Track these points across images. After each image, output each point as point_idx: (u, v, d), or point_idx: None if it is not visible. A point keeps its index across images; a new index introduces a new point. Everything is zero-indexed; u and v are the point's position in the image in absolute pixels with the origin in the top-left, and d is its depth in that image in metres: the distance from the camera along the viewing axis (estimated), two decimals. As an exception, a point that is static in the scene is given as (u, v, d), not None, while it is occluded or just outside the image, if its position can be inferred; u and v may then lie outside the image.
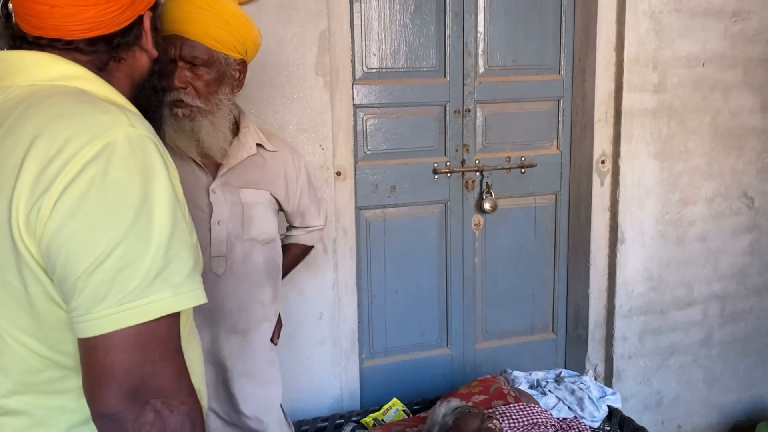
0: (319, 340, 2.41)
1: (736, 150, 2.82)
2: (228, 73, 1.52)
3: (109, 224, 0.78)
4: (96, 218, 0.78)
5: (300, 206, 1.80)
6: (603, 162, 2.68)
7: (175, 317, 0.84)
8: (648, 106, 2.63)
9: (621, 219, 2.68)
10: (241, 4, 2.07)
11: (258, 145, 1.66)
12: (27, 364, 0.87)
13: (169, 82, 1.41)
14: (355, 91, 2.44)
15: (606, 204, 2.71)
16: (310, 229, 1.90)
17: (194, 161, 1.57)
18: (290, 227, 1.91)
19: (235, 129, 1.64)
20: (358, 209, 2.53)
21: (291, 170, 1.73)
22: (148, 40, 0.99)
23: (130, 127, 0.83)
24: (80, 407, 0.86)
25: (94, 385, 0.80)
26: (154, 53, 1.01)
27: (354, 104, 2.44)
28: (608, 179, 2.69)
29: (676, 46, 2.63)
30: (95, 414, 0.81)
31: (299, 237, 1.91)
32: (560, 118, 2.75)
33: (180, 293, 0.82)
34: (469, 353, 2.82)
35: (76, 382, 0.86)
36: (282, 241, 1.86)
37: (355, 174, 2.49)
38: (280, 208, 1.78)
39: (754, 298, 3.00)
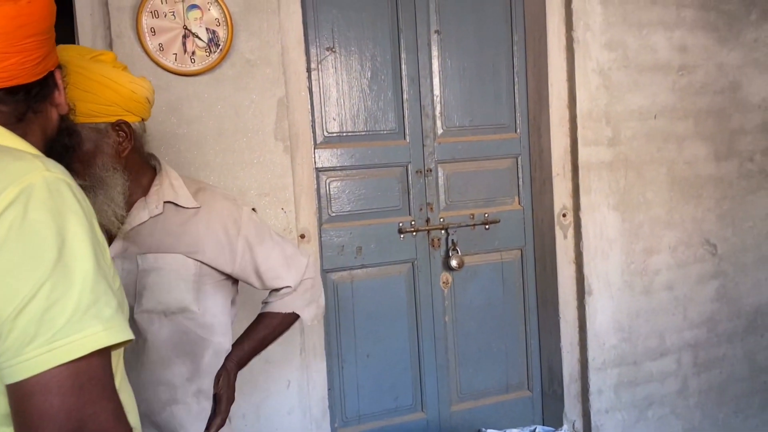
0: (287, 410, 2.35)
1: (694, 198, 2.88)
2: (103, 142, 1.38)
3: (32, 266, 0.77)
4: (18, 261, 0.77)
5: (251, 266, 1.55)
6: (564, 215, 2.72)
7: (107, 355, 0.82)
8: (604, 159, 2.70)
9: (587, 271, 2.70)
10: (196, 74, 2.12)
11: (170, 202, 1.48)
12: None
13: None
14: (316, 154, 2.47)
15: (571, 256, 2.73)
16: (282, 292, 1.61)
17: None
18: (268, 294, 1.66)
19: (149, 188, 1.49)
20: (325, 272, 2.52)
21: (226, 225, 1.50)
22: (60, 93, 1.02)
23: (46, 171, 0.83)
24: None
25: None
26: (65, 108, 1.03)
27: (316, 167, 2.47)
28: (570, 232, 2.73)
29: (627, 101, 2.72)
30: None
31: (273, 304, 1.63)
32: (520, 175, 2.80)
33: (111, 327, 0.81)
34: (445, 416, 2.76)
35: None
36: (261, 310, 1.65)
37: (320, 236, 2.49)
38: (225, 275, 1.56)
39: (725, 345, 3.00)
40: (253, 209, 1.62)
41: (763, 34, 2.96)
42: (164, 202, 1.48)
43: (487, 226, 2.74)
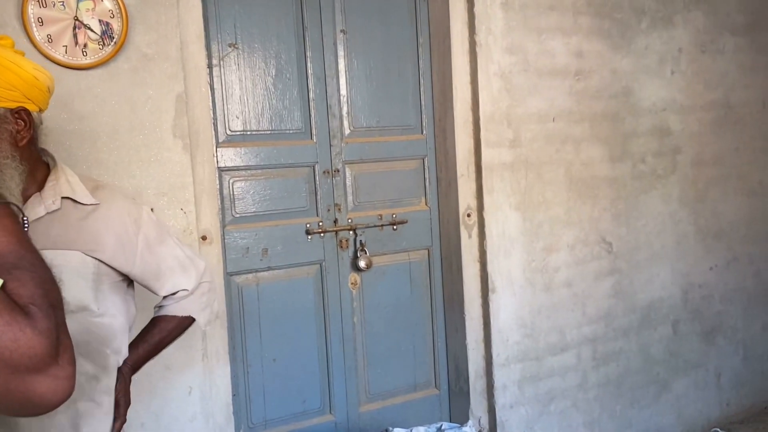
0: (189, 417, 2.27)
1: (591, 198, 3.00)
2: (1, 128, 1.32)
3: None
4: None
5: (149, 267, 1.52)
6: (469, 215, 2.77)
7: None
8: (506, 160, 2.77)
9: (490, 269, 2.76)
10: (89, 68, 2.02)
11: (68, 198, 1.43)
12: None
13: None
14: (219, 153, 2.41)
15: (475, 255, 2.79)
16: (178, 296, 1.60)
17: None
18: (162, 299, 1.63)
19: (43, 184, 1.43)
20: (229, 275, 2.45)
21: (125, 224, 1.47)
22: None
23: None
24: None
25: None
26: None
27: (219, 167, 2.41)
28: (475, 231, 2.78)
29: (527, 104, 2.80)
30: None
31: (168, 307, 1.61)
32: (426, 175, 2.83)
33: None
34: (354, 417, 2.75)
35: None
36: (155, 314, 1.63)
37: (223, 238, 2.42)
38: (122, 275, 1.52)
39: (622, 339, 3.14)
40: (152, 209, 1.58)
41: (652, 42, 3.13)
42: (62, 198, 1.42)
43: (394, 227, 2.75)
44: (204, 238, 2.29)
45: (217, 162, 2.40)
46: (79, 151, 2.02)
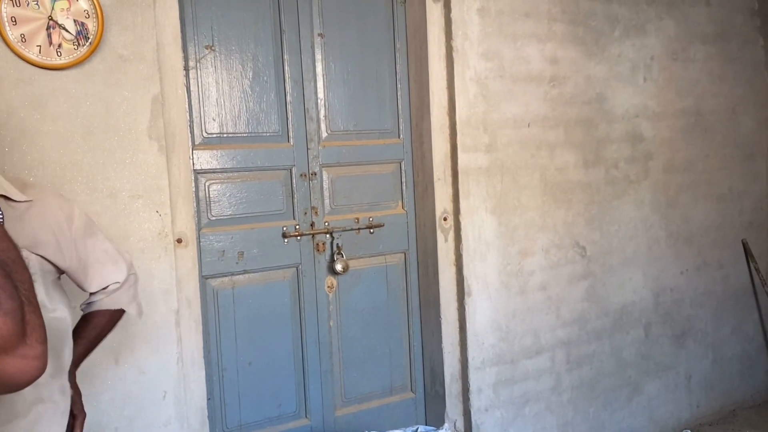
0: (164, 422, 2.24)
1: (565, 203, 3.04)
2: None
3: None
4: None
5: (82, 260, 1.54)
6: (445, 219, 2.78)
7: None
8: (482, 164, 2.79)
9: (466, 272, 2.78)
10: (63, 68, 1.99)
11: (2, 197, 1.42)
12: None
13: None
14: (195, 156, 2.39)
15: (452, 259, 2.80)
16: (109, 289, 1.62)
17: None
18: (90, 296, 1.63)
19: None
20: (204, 278, 2.44)
21: (59, 219, 1.49)
22: None
23: None
24: None
25: None
26: None
27: (195, 169, 2.39)
28: (451, 235, 2.80)
29: (503, 109, 2.83)
30: None
31: (101, 302, 1.62)
32: (403, 179, 2.84)
33: None
34: (329, 421, 2.74)
35: None
36: (83, 311, 1.64)
37: (199, 241, 2.41)
38: (59, 270, 1.52)
39: (595, 342, 3.18)
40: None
41: (625, 50, 3.18)
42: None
43: (371, 230, 2.75)
44: (179, 240, 2.27)
45: (193, 164, 2.39)
46: (53, 153, 1.99)
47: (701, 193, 3.52)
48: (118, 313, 1.67)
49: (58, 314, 1.48)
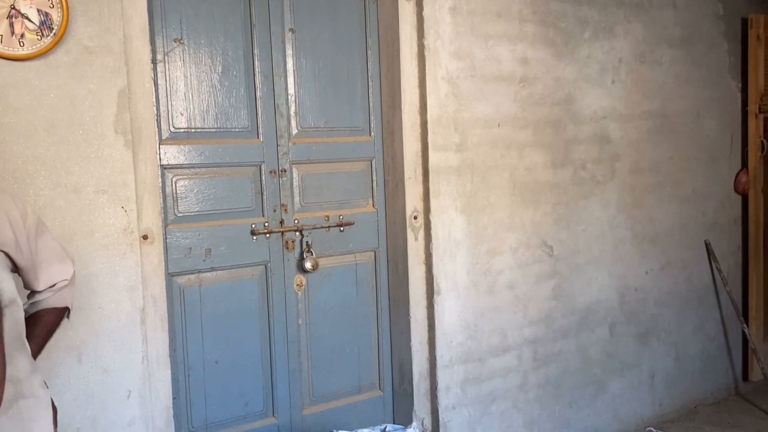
0: (128, 421, 2.20)
1: (533, 203, 3.06)
2: None
3: None
4: None
5: (35, 257, 1.55)
6: (416, 217, 2.78)
7: None
8: (452, 163, 2.80)
9: (436, 271, 2.78)
10: (26, 59, 1.94)
11: None
12: None
13: None
14: (162, 151, 2.35)
15: (421, 257, 2.80)
16: (57, 287, 1.63)
17: None
18: (32, 294, 1.62)
19: None
20: (170, 275, 2.40)
21: (15, 216, 1.49)
22: None
23: None
24: None
25: None
26: None
27: (161, 164, 2.35)
28: (421, 233, 2.80)
29: (473, 109, 2.84)
30: None
31: (48, 300, 1.63)
32: (374, 177, 2.83)
33: None
34: (297, 420, 2.72)
35: None
36: (26, 312, 1.60)
37: (165, 238, 2.37)
38: (14, 267, 1.53)
39: (561, 341, 3.21)
40: None
41: (594, 52, 3.22)
42: None
43: (341, 228, 2.74)
44: (145, 237, 2.22)
45: (160, 159, 2.34)
46: (15, 146, 1.94)
47: (666, 194, 3.58)
48: (64, 311, 1.67)
49: (20, 306, 1.49)
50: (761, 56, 3.79)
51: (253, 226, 2.57)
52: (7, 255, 1.47)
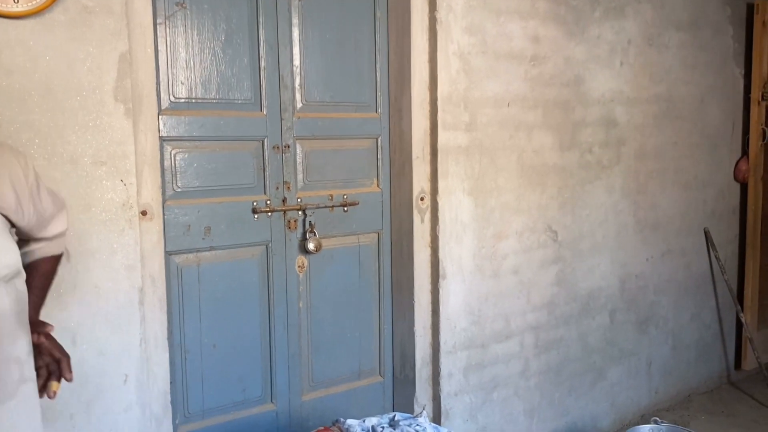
0: (124, 407, 2.07)
1: (539, 186, 2.98)
2: None
3: None
4: None
5: (40, 213, 1.48)
6: (422, 199, 2.68)
7: None
8: (461, 143, 2.70)
9: (441, 254, 2.69)
10: (20, 17, 1.79)
11: None
12: None
13: None
14: (161, 121, 2.21)
15: (427, 240, 2.71)
16: (51, 236, 1.58)
17: None
18: (27, 242, 1.55)
19: None
20: (168, 254, 2.27)
21: (17, 173, 1.39)
22: None
23: None
24: None
25: None
26: None
27: (161, 136, 2.21)
28: (428, 215, 2.70)
29: (484, 87, 2.74)
30: None
31: (45, 248, 1.57)
32: (379, 156, 2.72)
33: None
34: (296, 406, 2.62)
35: None
36: (24, 260, 1.50)
37: (164, 214, 2.23)
38: (12, 225, 1.43)
39: (563, 327, 3.15)
40: None
41: (604, 32, 3.13)
42: None
43: (345, 208, 2.63)
44: (144, 213, 2.09)
45: (159, 130, 2.20)
46: (6, 111, 1.79)
47: (669, 180, 3.53)
48: (59, 258, 1.64)
49: (23, 278, 1.40)
50: (766, 43, 3.75)
51: (255, 203, 2.44)
52: (6, 217, 1.37)
